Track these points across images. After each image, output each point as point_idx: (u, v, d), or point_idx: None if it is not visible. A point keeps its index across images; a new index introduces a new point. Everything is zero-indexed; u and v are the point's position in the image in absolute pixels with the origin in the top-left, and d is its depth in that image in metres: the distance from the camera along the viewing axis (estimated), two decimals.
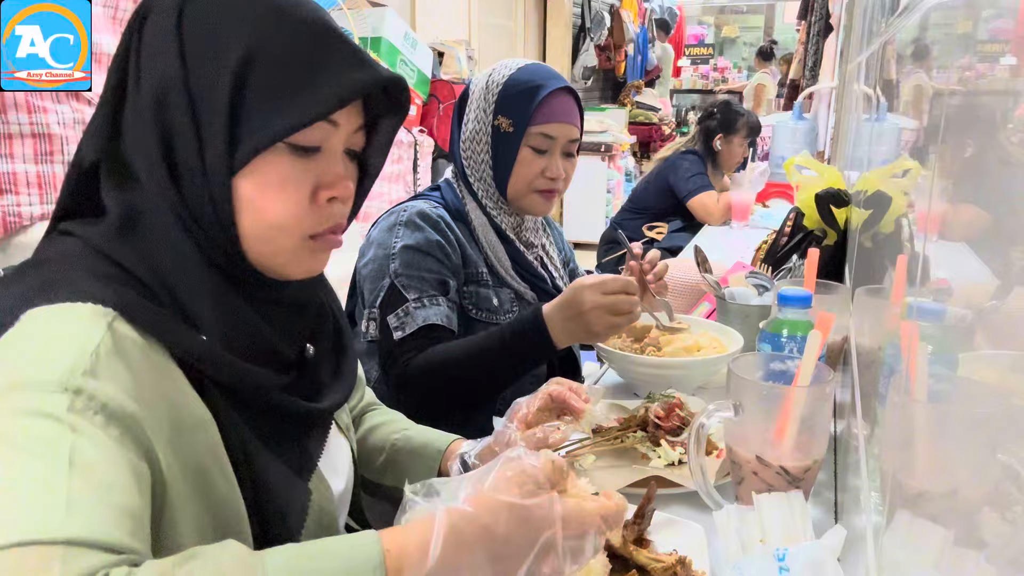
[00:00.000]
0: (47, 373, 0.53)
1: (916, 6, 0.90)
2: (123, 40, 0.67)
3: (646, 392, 1.14)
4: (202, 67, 0.64)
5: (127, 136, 0.65)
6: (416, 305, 1.17)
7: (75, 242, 0.65)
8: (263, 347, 0.69)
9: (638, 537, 0.78)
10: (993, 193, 0.44)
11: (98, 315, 0.58)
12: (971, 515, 0.41)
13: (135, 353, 0.59)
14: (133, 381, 0.57)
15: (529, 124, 1.23)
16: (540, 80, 1.26)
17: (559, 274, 1.42)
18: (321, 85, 0.64)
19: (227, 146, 0.64)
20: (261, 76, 0.63)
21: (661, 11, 7.70)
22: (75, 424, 0.52)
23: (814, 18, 4.92)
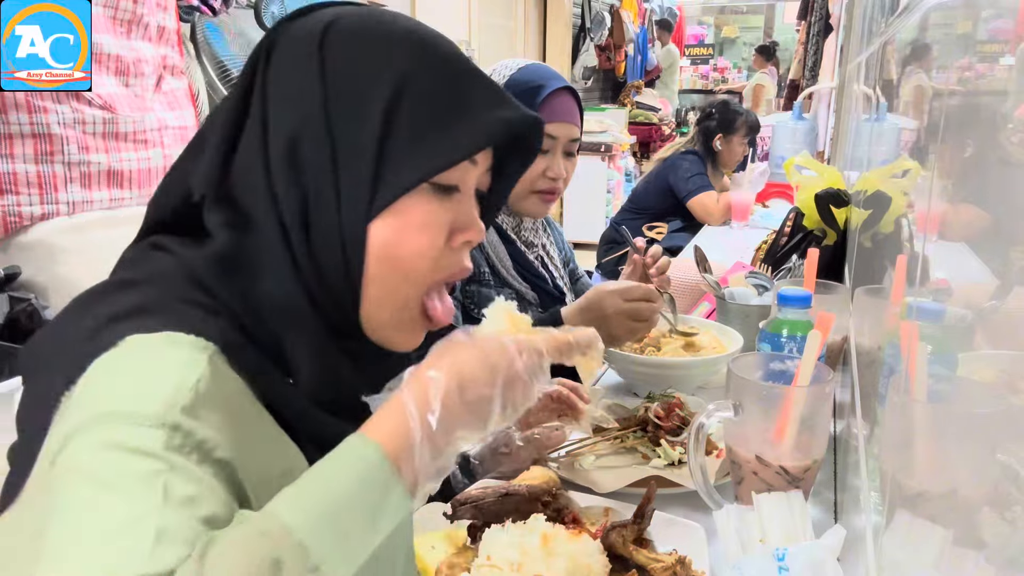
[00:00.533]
0: (145, 407, 0.50)
1: (916, 6, 0.90)
2: (246, 74, 0.64)
3: (646, 392, 1.14)
4: (347, 107, 0.60)
5: (245, 176, 0.62)
6: None
7: (172, 262, 0.62)
8: (349, 401, 0.67)
9: (638, 537, 0.78)
10: (993, 193, 0.44)
11: (198, 348, 0.55)
12: (970, 515, 0.41)
13: (233, 392, 0.57)
14: (230, 422, 0.55)
15: None
16: (541, 80, 1.26)
17: (559, 274, 1.42)
18: (470, 121, 0.62)
19: (370, 190, 0.60)
20: (409, 113, 0.60)
21: (661, 11, 7.70)
22: (171, 461, 0.49)
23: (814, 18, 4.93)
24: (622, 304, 1.11)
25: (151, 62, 1.60)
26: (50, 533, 0.46)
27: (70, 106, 1.39)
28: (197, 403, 0.52)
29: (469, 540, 0.80)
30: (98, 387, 0.53)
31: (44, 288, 1.42)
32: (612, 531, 0.76)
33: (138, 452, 0.48)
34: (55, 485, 0.49)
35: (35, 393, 0.58)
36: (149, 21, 1.59)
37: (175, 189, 0.65)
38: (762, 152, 4.16)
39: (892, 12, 1.24)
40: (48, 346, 0.60)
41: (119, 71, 1.50)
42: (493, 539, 0.74)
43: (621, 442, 1.02)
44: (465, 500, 0.80)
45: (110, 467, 0.48)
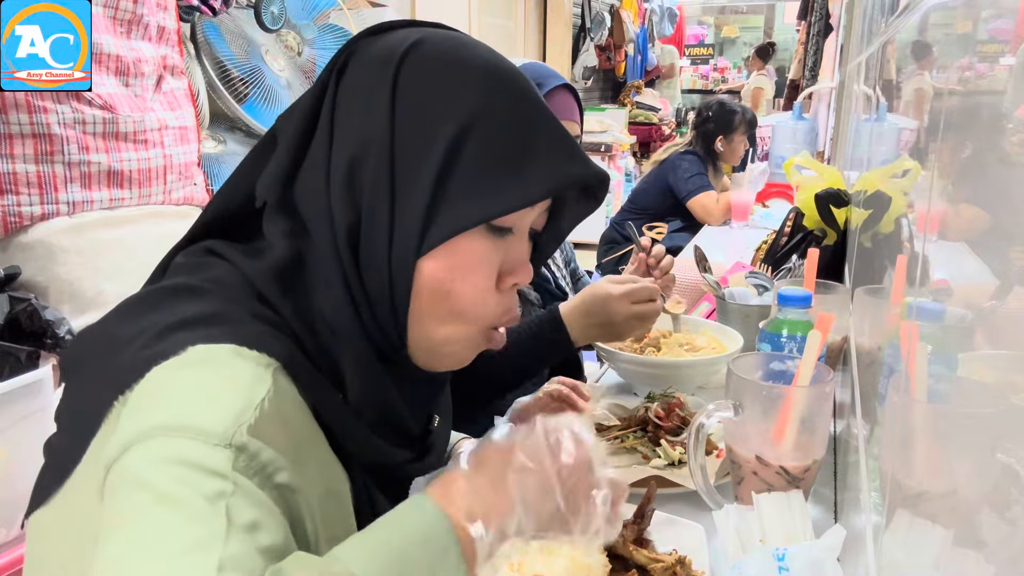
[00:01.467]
0: (211, 424, 0.49)
1: (916, 6, 0.90)
2: (319, 83, 0.62)
3: (646, 392, 1.14)
4: (413, 134, 0.58)
5: (305, 188, 0.61)
6: None
7: (231, 271, 0.61)
8: (395, 423, 0.65)
9: (638, 537, 0.78)
10: (993, 193, 0.44)
11: (262, 364, 0.55)
12: (971, 515, 0.41)
13: (294, 411, 0.56)
14: (291, 442, 0.54)
15: None
16: (539, 79, 1.26)
17: (561, 274, 1.42)
18: (535, 170, 0.60)
19: (422, 226, 0.58)
20: (474, 152, 0.58)
21: (661, 11, 7.70)
22: (237, 483, 0.48)
23: (814, 18, 4.93)
24: (631, 309, 1.11)
25: (151, 62, 1.60)
26: (110, 541, 0.45)
27: (70, 106, 1.39)
28: (262, 422, 0.51)
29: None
30: (160, 397, 0.52)
31: (44, 288, 1.42)
32: None
33: (204, 470, 0.48)
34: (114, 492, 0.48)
35: (82, 394, 0.57)
36: (149, 21, 1.59)
37: (238, 192, 0.64)
38: (762, 152, 4.16)
39: (892, 12, 1.24)
40: (98, 347, 0.58)
41: (119, 71, 1.50)
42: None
43: (621, 442, 1.02)
44: None
45: (175, 483, 0.47)
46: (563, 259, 1.48)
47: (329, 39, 2.69)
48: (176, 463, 0.47)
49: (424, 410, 0.71)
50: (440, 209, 0.58)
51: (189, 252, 0.65)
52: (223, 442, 0.49)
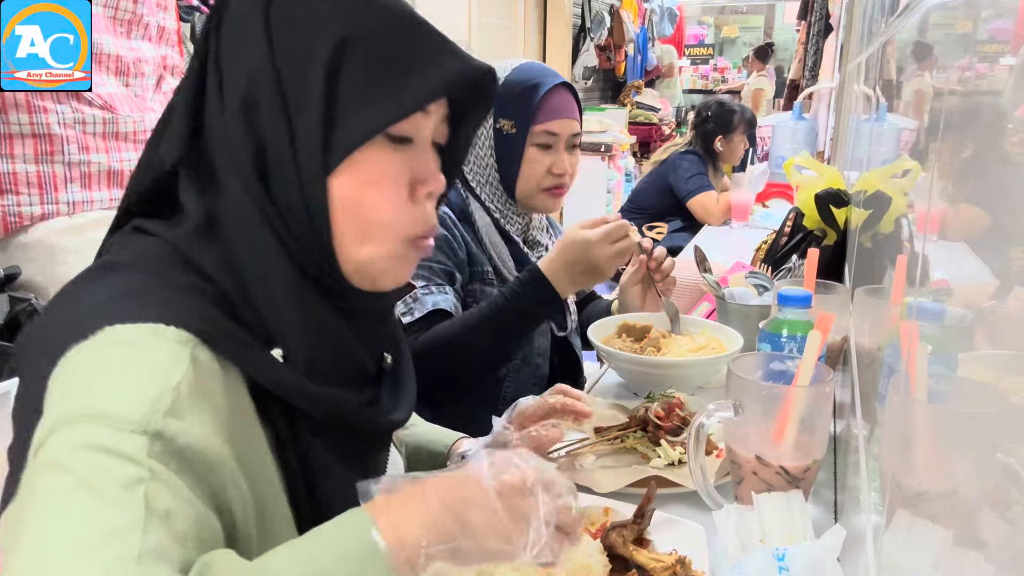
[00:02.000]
0: (127, 410, 0.50)
1: (916, 6, 0.90)
2: (200, 41, 0.64)
3: (646, 392, 1.14)
4: (293, 62, 0.61)
5: (211, 139, 0.63)
6: (424, 291, 1.18)
7: (155, 243, 0.62)
8: (349, 361, 0.67)
9: (638, 537, 0.78)
10: (993, 193, 0.44)
11: (180, 341, 0.55)
12: (971, 515, 0.41)
13: (215, 385, 0.57)
14: (212, 418, 0.55)
15: (532, 123, 1.24)
16: (537, 78, 1.26)
17: None
18: (418, 73, 0.62)
19: (322, 143, 0.61)
20: (356, 66, 0.61)
21: (661, 11, 7.70)
22: (154, 469, 0.49)
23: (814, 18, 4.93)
24: (612, 248, 1.14)
25: (151, 62, 1.60)
26: (28, 527, 0.46)
27: (70, 106, 1.39)
28: (179, 405, 0.52)
29: None
30: (78, 381, 0.52)
31: (44, 288, 1.42)
32: (612, 531, 0.76)
33: (121, 456, 0.49)
34: (36, 477, 0.49)
35: (25, 389, 0.58)
36: (149, 21, 1.59)
37: (148, 167, 0.65)
38: (762, 152, 4.15)
39: (892, 12, 1.24)
40: (35, 339, 0.60)
41: (119, 71, 1.50)
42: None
43: (621, 442, 1.02)
44: None
45: (92, 468, 0.48)
46: None
47: None
48: (94, 449, 0.48)
49: (373, 344, 0.71)
50: (336, 125, 0.61)
51: (117, 233, 0.66)
52: (138, 429, 0.50)
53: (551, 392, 0.99)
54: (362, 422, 0.69)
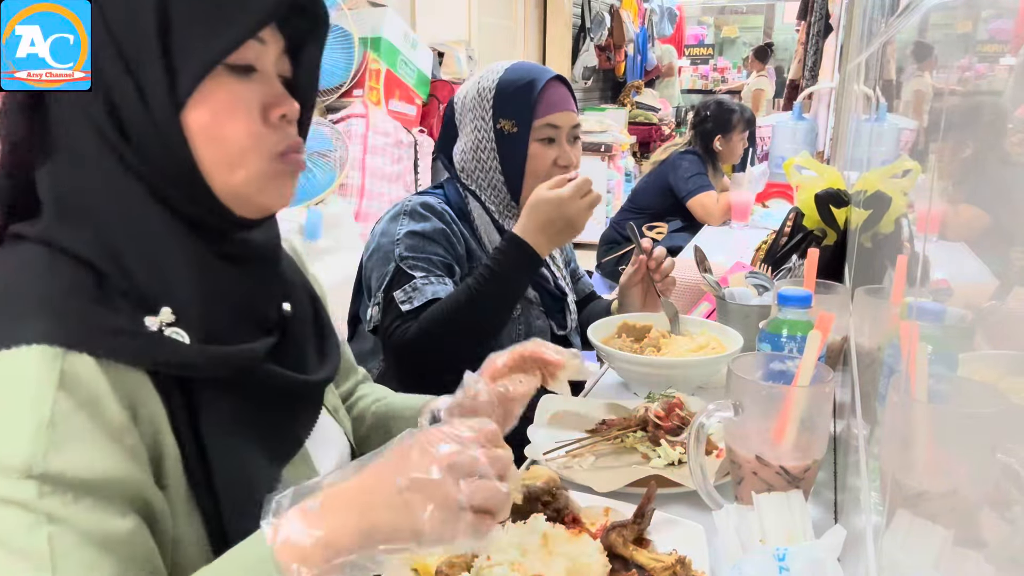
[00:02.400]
0: (8, 456, 0.51)
1: (916, 6, 0.90)
2: None
3: (646, 392, 1.14)
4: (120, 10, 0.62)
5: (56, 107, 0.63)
6: (424, 281, 1.18)
7: (27, 248, 0.62)
8: (242, 303, 0.67)
9: (638, 537, 0.78)
10: (993, 193, 0.44)
11: (47, 360, 0.54)
12: (971, 515, 0.41)
13: (99, 389, 0.56)
14: (103, 431, 0.55)
15: (533, 119, 1.25)
16: (532, 75, 1.27)
17: (561, 274, 1.42)
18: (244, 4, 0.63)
19: (167, 81, 0.62)
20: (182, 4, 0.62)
21: (661, 11, 7.70)
22: (50, 512, 0.50)
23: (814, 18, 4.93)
24: (583, 202, 1.16)
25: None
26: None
27: None
28: (58, 438, 0.52)
29: None
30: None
31: None
32: (612, 531, 0.76)
33: (14, 505, 0.50)
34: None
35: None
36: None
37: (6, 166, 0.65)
38: (762, 152, 4.16)
39: (892, 12, 1.24)
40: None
41: None
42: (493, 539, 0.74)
43: (621, 442, 1.02)
44: None
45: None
46: (563, 259, 1.48)
47: (329, 39, 2.69)
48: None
49: (270, 292, 0.72)
50: (176, 62, 0.62)
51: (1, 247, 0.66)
52: (24, 474, 0.50)
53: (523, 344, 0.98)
54: (264, 380, 0.67)
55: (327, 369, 0.78)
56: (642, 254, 1.36)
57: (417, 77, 3.10)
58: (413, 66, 3.06)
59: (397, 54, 2.96)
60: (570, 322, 1.39)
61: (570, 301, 1.40)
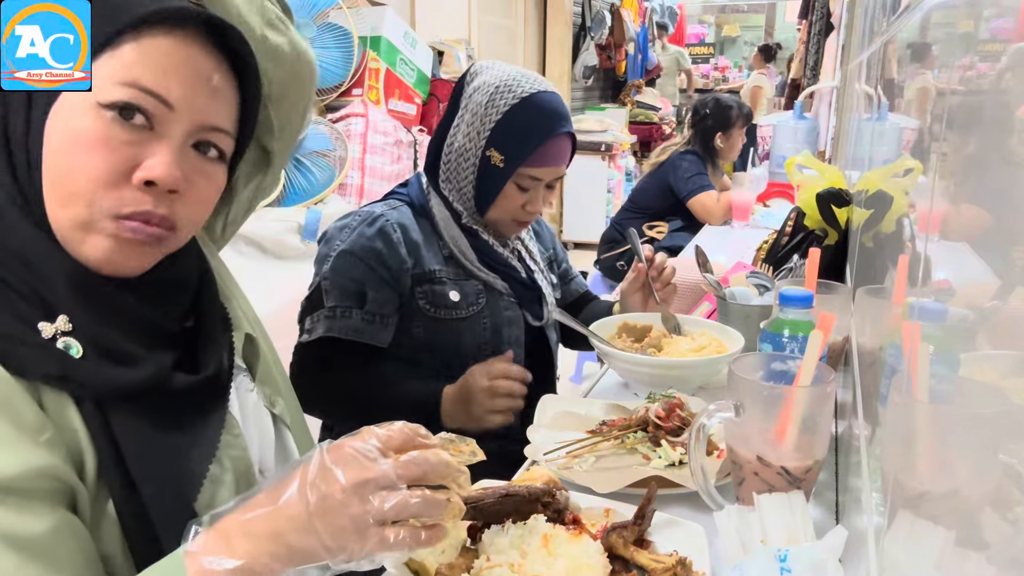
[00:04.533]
0: None
1: (917, 5, 0.90)
2: None
3: (646, 392, 1.14)
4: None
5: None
6: (328, 315, 1.20)
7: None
8: (134, 320, 0.65)
9: (638, 538, 0.78)
10: (994, 193, 0.44)
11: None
12: (972, 516, 0.41)
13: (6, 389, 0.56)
14: (8, 426, 0.55)
15: (520, 165, 1.22)
16: (544, 122, 1.22)
17: (537, 268, 1.40)
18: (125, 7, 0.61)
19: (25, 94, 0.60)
20: None
21: (662, 10, 7.70)
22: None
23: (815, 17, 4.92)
24: (485, 381, 1.12)
25: None
26: None
27: None
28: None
29: (469, 541, 0.80)
30: None
31: None
32: (612, 532, 0.76)
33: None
34: None
35: None
36: None
37: None
38: (763, 152, 4.15)
39: (893, 11, 1.23)
40: None
41: None
42: (493, 540, 0.74)
43: (621, 443, 1.02)
44: (465, 501, 0.80)
45: None
46: (546, 258, 1.47)
47: (329, 38, 2.69)
48: None
49: (164, 306, 0.69)
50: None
51: None
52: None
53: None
54: (154, 388, 0.65)
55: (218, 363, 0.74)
56: (641, 262, 1.36)
57: (417, 76, 3.10)
58: (413, 65, 3.06)
59: (397, 53, 2.96)
60: (546, 313, 1.36)
61: (547, 294, 1.38)
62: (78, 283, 0.62)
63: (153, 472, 0.62)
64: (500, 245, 1.33)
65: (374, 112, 2.77)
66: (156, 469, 0.63)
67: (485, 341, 1.28)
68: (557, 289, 1.47)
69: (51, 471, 0.56)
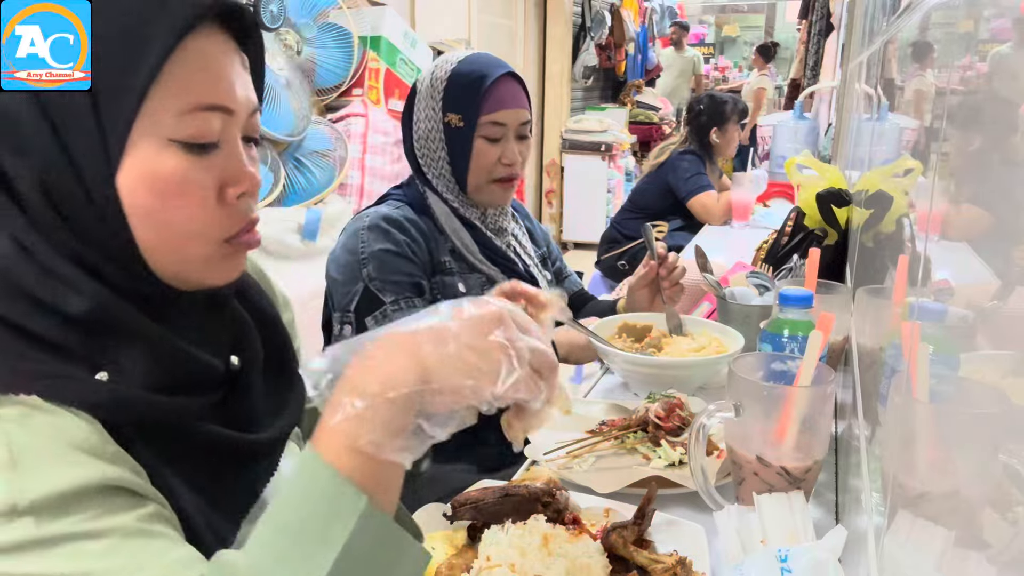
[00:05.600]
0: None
1: (917, 5, 0.90)
2: None
3: (646, 392, 1.14)
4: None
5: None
6: (394, 308, 1.19)
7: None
8: (183, 362, 0.61)
9: (638, 538, 0.78)
10: (994, 193, 0.44)
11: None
12: (973, 516, 0.41)
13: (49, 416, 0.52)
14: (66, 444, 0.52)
15: (479, 115, 1.24)
16: (483, 70, 1.25)
17: (532, 262, 1.41)
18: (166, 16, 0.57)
19: (99, 139, 0.56)
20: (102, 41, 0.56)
21: (662, 10, 7.70)
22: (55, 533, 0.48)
23: (815, 17, 4.93)
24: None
25: None
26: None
27: None
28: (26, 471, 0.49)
29: (469, 541, 0.80)
30: None
31: None
32: (612, 532, 0.76)
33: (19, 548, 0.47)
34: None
35: None
36: None
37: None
38: (763, 152, 4.15)
39: (893, 11, 1.23)
40: None
41: None
42: (493, 540, 0.74)
43: (621, 442, 1.02)
44: (465, 501, 0.80)
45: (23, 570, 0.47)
46: (539, 254, 1.47)
47: (329, 38, 2.68)
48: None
49: (214, 345, 0.66)
50: (103, 115, 0.56)
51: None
52: (12, 514, 0.48)
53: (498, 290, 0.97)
54: (207, 440, 0.62)
55: (285, 420, 0.71)
56: (654, 259, 1.36)
57: (417, 76, 3.10)
58: (413, 65, 3.06)
59: (397, 53, 2.96)
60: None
61: (543, 287, 1.38)
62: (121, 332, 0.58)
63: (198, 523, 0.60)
64: (498, 239, 1.34)
65: (374, 112, 2.77)
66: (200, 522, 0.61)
67: None
68: (551, 284, 1.47)
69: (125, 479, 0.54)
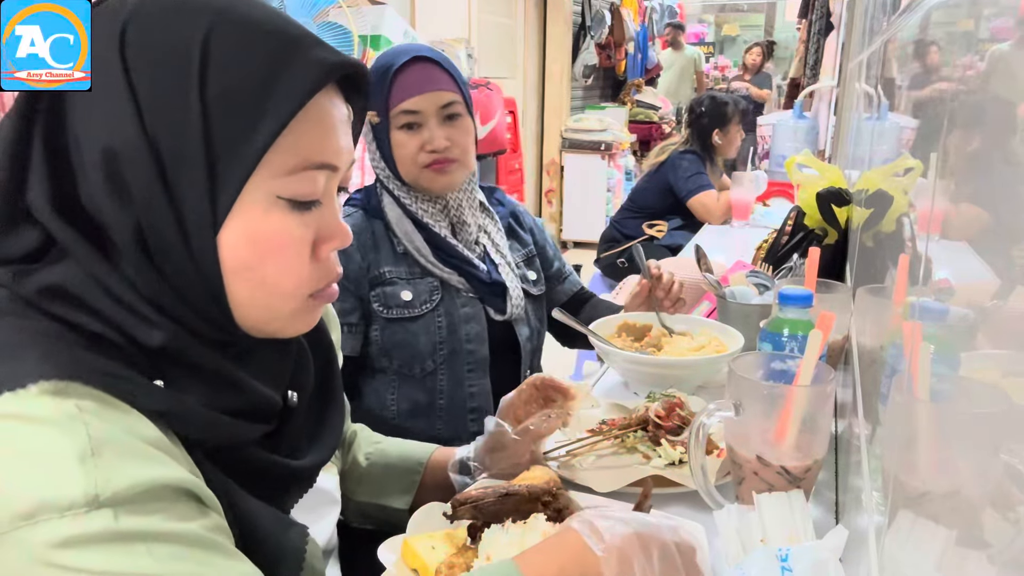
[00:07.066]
0: (66, 497, 0.46)
1: (917, 5, 0.90)
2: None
3: (646, 391, 1.14)
4: (163, 104, 0.54)
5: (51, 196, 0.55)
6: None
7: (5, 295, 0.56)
8: (244, 393, 0.61)
9: None
10: (995, 192, 0.44)
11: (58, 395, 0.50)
12: (973, 515, 0.41)
13: (119, 411, 0.52)
14: (139, 441, 0.51)
15: (389, 108, 1.21)
16: (389, 60, 1.23)
17: (504, 261, 1.35)
18: (291, 77, 0.56)
19: (208, 192, 0.55)
20: (224, 97, 0.55)
21: (661, 9, 7.70)
22: (135, 528, 0.47)
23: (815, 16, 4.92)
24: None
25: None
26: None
27: None
28: (106, 462, 0.48)
29: (469, 540, 0.80)
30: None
31: None
32: None
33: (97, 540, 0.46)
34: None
35: None
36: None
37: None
38: (763, 151, 4.15)
39: (893, 10, 1.23)
40: None
41: None
42: (493, 539, 0.74)
43: (621, 442, 1.02)
44: (465, 500, 0.80)
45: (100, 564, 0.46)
46: (522, 253, 1.42)
47: (329, 37, 2.68)
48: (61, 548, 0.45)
49: (276, 380, 0.66)
50: (218, 171, 0.55)
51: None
52: (93, 506, 0.47)
53: (528, 384, 0.98)
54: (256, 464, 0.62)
55: (327, 446, 0.72)
56: (646, 279, 1.35)
57: None
58: None
59: None
60: (511, 308, 1.32)
61: (512, 288, 1.33)
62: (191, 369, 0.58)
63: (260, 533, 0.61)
64: (458, 239, 1.30)
65: None
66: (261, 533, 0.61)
67: (441, 340, 1.26)
68: (539, 284, 1.42)
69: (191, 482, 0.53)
